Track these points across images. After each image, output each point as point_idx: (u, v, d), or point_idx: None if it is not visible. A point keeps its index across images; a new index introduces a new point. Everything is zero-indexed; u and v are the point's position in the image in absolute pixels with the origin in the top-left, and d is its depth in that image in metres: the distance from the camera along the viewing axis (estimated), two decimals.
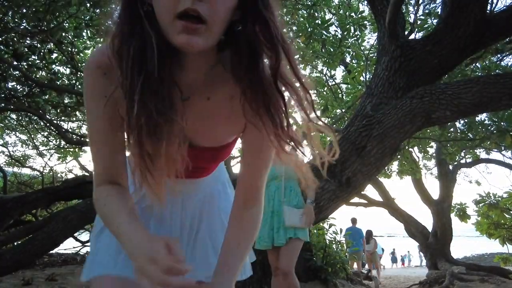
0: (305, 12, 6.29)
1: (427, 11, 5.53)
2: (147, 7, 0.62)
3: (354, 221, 8.99)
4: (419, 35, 5.22)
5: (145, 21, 0.61)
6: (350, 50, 6.20)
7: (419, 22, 5.29)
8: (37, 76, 6.15)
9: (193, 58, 0.67)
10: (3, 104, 5.66)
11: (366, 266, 9.67)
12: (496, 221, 6.64)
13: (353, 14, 5.49)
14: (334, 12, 7.05)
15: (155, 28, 0.61)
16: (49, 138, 8.85)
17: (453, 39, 3.04)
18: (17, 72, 5.59)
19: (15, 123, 8.39)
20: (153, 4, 0.61)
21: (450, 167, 9.67)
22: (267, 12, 0.65)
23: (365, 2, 6.70)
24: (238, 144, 0.87)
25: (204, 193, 0.93)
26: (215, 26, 0.61)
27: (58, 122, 7.09)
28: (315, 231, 5.13)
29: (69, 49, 6.05)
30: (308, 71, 8.40)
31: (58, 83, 6.41)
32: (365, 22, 5.50)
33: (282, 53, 0.64)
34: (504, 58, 5.99)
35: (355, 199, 8.75)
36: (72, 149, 8.57)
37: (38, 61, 5.91)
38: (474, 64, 5.75)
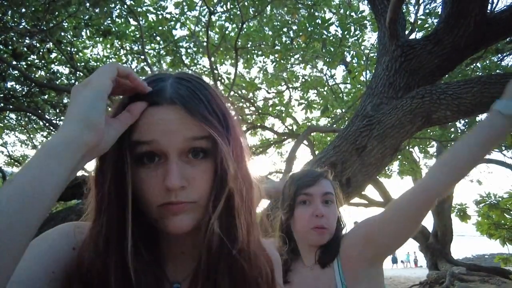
0: (305, 11, 6.29)
1: (427, 10, 5.52)
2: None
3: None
4: (419, 35, 5.22)
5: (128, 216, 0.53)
6: (350, 49, 6.20)
7: (419, 21, 5.28)
8: (36, 75, 6.14)
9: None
10: (2, 104, 5.65)
11: None
12: (497, 222, 6.61)
13: (353, 13, 5.48)
14: (335, 11, 7.05)
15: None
16: (48, 138, 8.83)
17: (453, 39, 3.03)
18: (16, 72, 5.58)
19: (14, 123, 8.39)
20: (138, 192, 0.56)
21: None
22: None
23: (366, 1, 6.69)
24: None
25: None
26: (203, 200, 0.56)
27: (57, 122, 7.07)
28: None
29: (68, 48, 6.05)
30: (309, 71, 8.41)
31: (57, 82, 6.41)
32: (366, 21, 5.49)
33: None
34: (505, 58, 5.98)
35: (356, 200, 8.74)
36: None
37: (37, 61, 5.91)
38: (474, 64, 5.74)
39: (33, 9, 4.50)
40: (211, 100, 0.59)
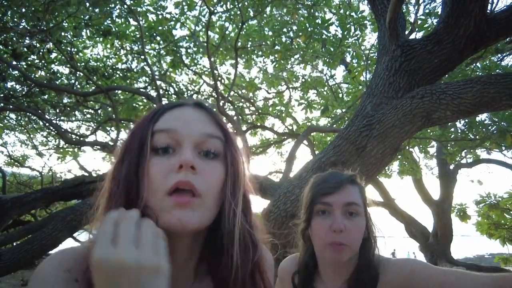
0: (305, 11, 6.29)
1: (427, 10, 5.52)
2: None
3: None
4: (419, 35, 5.22)
5: None
6: (350, 49, 6.20)
7: (419, 22, 5.28)
8: (36, 75, 6.15)
9: (178, 248, 0.60)
10: (2, 104, 5.65)
11: None
12: (497, 222, 6.62)
13: (353, 13, 5.48)
14: (335, 11, 7.05)
15: None
16: (48, 138, 8.85)
17: (453, 39, 3.03)
18: (16, 72, 5.59)
19: (14, 122, 8.39)
20: (146, 192, 0.55)
21: (451, 167, 9.66)
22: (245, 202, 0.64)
23: (366, 1, 6.69)
24: None
25: None
26: (209, 199, 0.57)
27: (57, 122, 7.08)
28: None
29: (68, 48, 6.05)
30: (309, 71, 8.42)
31: (57, 82, 6.42)
32: (366, 21, 5.49)
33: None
34: (505, 58, 5.98)
35: None
36: (71, 149, 8.56)
37: (37, 61, 5.91)
38: (474, 64, 5.74)
39: (33, 9, 4.49)
40: (222, 118, 0.66)
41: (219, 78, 7.63)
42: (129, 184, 0.55)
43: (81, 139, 7.04)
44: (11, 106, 5.77)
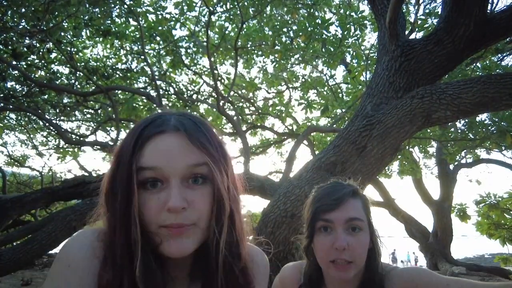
0: (305, 11, 6.29)
1: (427, 10, 5.52)
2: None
3: None
4: (419, 35, 5.22)
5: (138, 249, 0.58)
6: (350, 49, 6.20)
7: (419, 21, 5.28)
8: (36, 75, 6.15)
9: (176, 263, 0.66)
10: (2, 104, 5.65)
11: None
12: (497, 222, 6.62)
13: (353, 13, 5.48)
14: (335, 11, 7.05)
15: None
16: (48, 138, 8.86)
17: (453, 39, 3.03)
18: (16, 72, 5.59)
19: (14, 122, 8.40)
20: (140, 213, 0.60)
21: (451, 167, 9.66)
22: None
23: (366, 1, 6.69)
24: None
25: None
26: (201, 223, 0.61)
27: (57, 122, 7.08)
28: None
29: (68, 48, 6.04)
30: (308, 71, 8.42)
31: (57, 82, 6.42)
32: (366, 21, 5.49)
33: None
34: (505, 58, 5.98)
35: None
36: (71, 149, 8.57)
37: (37, 61, 5.91)
38: (474, 64, 5.74)
39: (33, 9, 4.49)
40: (209, 131, 0.66)
41: (219, 78, 7.63)
42: (126, 217, 0.59)
43: (81, 139, 7.05)
44: (11, 106, 5.77)
